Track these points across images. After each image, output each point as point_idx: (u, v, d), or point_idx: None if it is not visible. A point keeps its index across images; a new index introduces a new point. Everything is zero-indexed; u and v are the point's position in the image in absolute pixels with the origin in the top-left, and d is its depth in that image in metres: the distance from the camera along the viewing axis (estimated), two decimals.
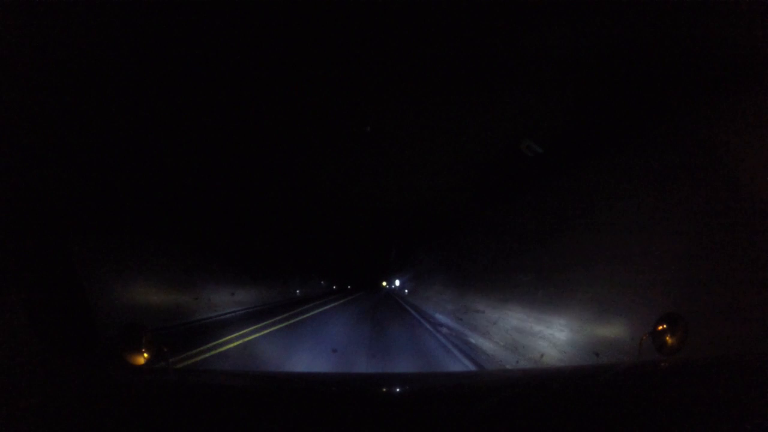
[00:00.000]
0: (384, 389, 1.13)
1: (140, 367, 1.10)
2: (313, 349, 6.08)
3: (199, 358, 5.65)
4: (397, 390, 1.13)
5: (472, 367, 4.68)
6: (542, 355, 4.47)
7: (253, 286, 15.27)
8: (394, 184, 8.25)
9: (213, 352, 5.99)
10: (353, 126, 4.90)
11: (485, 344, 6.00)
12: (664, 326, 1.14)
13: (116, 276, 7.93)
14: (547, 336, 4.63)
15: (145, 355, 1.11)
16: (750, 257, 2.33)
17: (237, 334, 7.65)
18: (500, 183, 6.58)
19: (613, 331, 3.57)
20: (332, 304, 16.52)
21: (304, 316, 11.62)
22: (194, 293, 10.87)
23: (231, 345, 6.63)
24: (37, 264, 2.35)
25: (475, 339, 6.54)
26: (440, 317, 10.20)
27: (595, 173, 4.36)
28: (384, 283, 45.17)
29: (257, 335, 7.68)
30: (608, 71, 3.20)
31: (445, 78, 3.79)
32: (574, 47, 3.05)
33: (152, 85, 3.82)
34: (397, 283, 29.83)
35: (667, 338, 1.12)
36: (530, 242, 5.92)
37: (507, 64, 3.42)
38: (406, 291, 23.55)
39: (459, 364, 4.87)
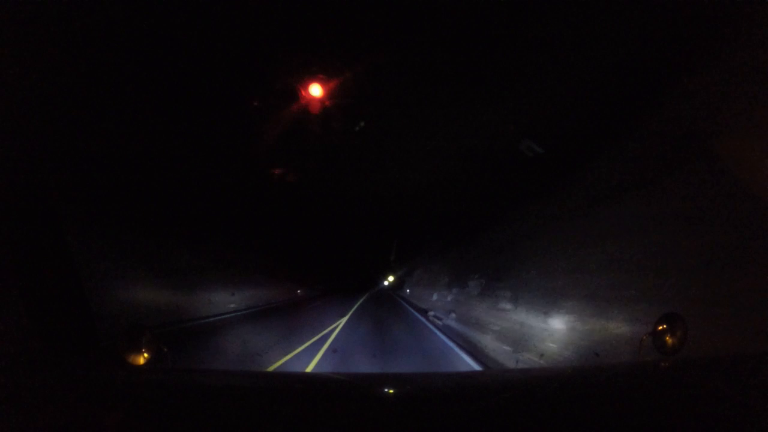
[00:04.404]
0: (384, 389, 1.13)
1: (140, 367, 1.10)
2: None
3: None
4: (398, 390, 1.13)
5: None
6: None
7: (316, 282, 27.51)
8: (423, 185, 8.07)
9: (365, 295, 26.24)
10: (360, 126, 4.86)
11: None
12: (664, 326, 1.14)
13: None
14: None
15: (145, 355, 1.11)
16: (750, 257, 2.33)
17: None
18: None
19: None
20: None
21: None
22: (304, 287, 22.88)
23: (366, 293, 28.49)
24: (37, 264, 2.35)
25: None
26: None
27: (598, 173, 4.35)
28: (391, 278, 44.98)
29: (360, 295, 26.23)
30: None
31: (449, 73, 3.77)
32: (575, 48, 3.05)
33: (155, 88, 3.82)
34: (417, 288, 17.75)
35: (667, 338, 1.12)
36: None
37: (510, 59, 3.39)
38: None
39: None
